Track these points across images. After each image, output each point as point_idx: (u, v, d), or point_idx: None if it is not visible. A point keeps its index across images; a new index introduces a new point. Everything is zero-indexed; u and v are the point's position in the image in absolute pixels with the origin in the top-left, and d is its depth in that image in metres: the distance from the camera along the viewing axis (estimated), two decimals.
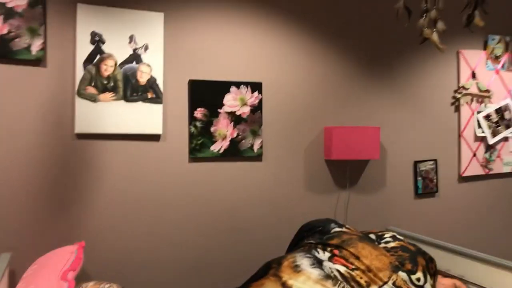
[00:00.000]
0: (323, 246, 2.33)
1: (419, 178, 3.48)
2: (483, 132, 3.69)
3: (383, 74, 3.38)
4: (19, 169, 2.44)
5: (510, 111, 3.80)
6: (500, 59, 3.79)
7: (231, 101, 2.90)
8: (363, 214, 3.30)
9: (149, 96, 2.69)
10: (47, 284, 1.87)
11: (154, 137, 2.74)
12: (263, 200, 3.01)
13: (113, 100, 2.61)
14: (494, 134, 3.73)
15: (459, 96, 3.62)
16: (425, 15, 2.03)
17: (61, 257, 2.12)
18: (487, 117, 3.71)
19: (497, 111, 3.75)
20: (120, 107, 2.62)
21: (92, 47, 2.56)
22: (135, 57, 2.66)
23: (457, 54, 3.64)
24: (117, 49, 2.62)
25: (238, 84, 2.92)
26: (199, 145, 2.82)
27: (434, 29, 2.03)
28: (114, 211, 2.65)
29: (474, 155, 3.68)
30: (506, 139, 3.80)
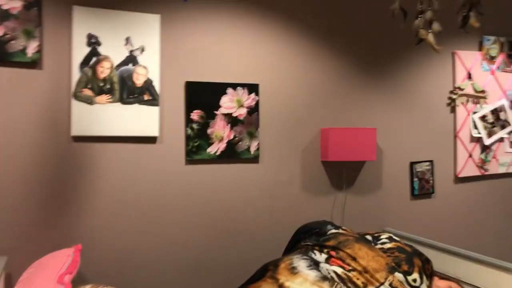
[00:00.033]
0: (320, 248, 2.33)
1: (415, 179, 3.49)
2: (479, 133, 3.70)
3: (379, 76, 3.39)
4: (15, 173, 2.43)
5: (506, 112, 3.81)
6: (495, 60, 3.81)
7: (228, 103, 2.90)
8: (360, 215, 3.31)
9: (146, 98, 2.69)
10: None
11: (151, 140, 2.74)
12: (260, 202, 3.01)
13: (110, 103, 2.60)
14: (490, 135, 3.74)
15: (455, 97, 3.63)
16: (421, 16, 2.04)
17: (58, 260, 2.11)
18: (483, 118, 3.72)
19: (493, 112, 3.76)
20: (117, 110, 2.62)
21: (88, 49, 2.56)
22: (131, 59, 2.66)
23: (453, 55, 3.65)
24: (113, 51, 2.61)
25: (235, 86, 2.92)
26: (196, 147, 2.82)
27: (430, 30, 2.04)
28: (111, 214, 2.64)
29: (470, 156, 3.69)
30: (502, 140, 3.82)
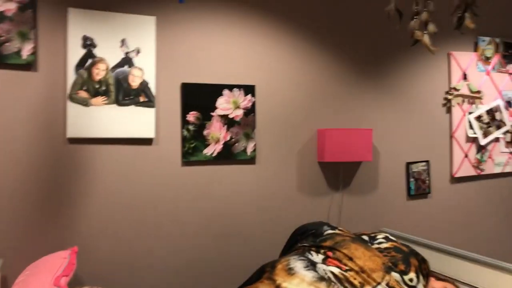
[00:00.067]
0: (317, 248, 2.33)
1: (412, 179, 3.49)
2: (475, 133, 3.72)
3: (375, 76, 3.40)
4: (11, 175, 2.42)
5: (501, 112, 3.83)
6: (491, 61, 3.83)
7: (224, 104, 2.90)
8: (356, 216, 3.31)
9: (141, 100, 2.68)
10: None
11: (147, 141, 2.73)
12: (257, 203, 3.01)
13: (105, 104, 2.60)
14: (486, 135, 3.75)
15: (451, 97, 3.64)
16: (416, 17, 2.05)
17: (54, 263, 2.10)
18: (479, 118, 3.74)
19: (488, 112, 3.78)
20: (112, 111, 2.61)
21: (84, 51, 2.55)
22: (127, 61, 2.65)
23: (448, 56, 3.67)
24: (109, 53, 2.61)
25: (231, 87, 2.92)
26: (192, 149, 2.82)
27: (425, 31, 2.05)
28: (107, 216, 2.63)
29: (466, 156, 3.70)
30: (497, 140, 3.83)
